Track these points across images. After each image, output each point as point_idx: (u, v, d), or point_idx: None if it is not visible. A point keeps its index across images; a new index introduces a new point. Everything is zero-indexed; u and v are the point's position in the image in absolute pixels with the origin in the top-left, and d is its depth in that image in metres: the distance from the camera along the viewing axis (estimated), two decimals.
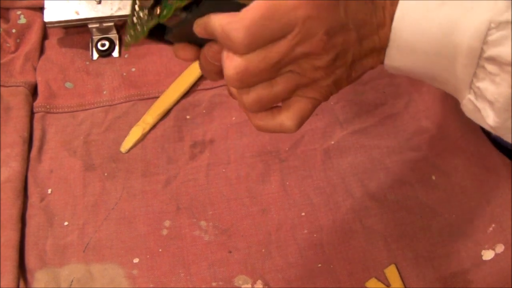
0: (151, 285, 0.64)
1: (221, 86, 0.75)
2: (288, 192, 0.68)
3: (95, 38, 0.79)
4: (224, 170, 0.70)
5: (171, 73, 0.76)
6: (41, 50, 0.79)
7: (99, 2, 0.78)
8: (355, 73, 0.44)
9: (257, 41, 0.38)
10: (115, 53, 0.79)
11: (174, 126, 0.73)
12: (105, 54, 0.79)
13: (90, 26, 0.78)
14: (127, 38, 0.45)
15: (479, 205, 0.66)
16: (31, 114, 0.74)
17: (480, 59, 0.37)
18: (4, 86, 0.75)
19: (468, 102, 0.40)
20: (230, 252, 0.65)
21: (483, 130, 0.69)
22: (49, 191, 0.70)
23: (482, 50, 0.37)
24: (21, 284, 0.63)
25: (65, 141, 0.73)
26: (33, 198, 0.69)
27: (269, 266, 0.64)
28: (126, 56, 0.79)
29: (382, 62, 0.43)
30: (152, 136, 0.73)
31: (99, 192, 0.69)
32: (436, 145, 0.69)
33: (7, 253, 0.64)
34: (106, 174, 0.70)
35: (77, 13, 0.77)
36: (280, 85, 0.42)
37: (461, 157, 0.68)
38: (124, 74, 0.77)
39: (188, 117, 0.74)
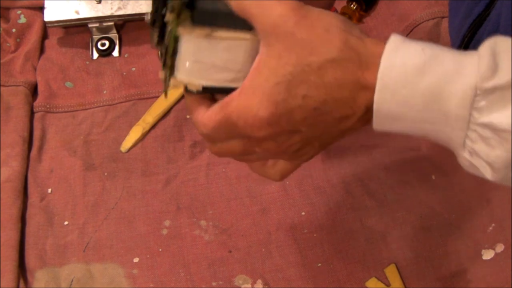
0: (151, 285, 0.64)
1: None
2: (288, 191, 0.68)
3: (95, 37, 0.79)
4: (224, 169, 0.70)
5: None
6: (41, 50, 0.79)
7: (99, 2, 0.78)
8: (336, 139, 0.44)
9: (217, 139, 0.45)
10: (115, 53, 0.79)
11: (174, 125, 0.73)
12: (105, 53, 0.79)
13: (90, 25, 0.78)
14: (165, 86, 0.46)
15: (479, 205, 0.66)
16: (31, 113, 0.74)
17: (470, 123, 0.36)
18: (4, 85, 0.75)
19: (464, 160, 0.39)
20: (230, 251, 0.65)
21: None
22: (49, 190, 0.70)
23: (471, 116, 0.36)
24: (21, 284, 0.63)
25: (65, 141, 0.73)
26: (33, 198, 0.69)
27: (269, 265, 0.64)
28: (126, 55, 0.79)
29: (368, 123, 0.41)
30: (152, 136, 0.73)
31: (99, 191, 0.69)
32: (436, 145, 0.69)
33: (7, 253, 0.64)
34: (106, 173, 0.70)
35: (77, 12, 0.77)
36: (253, 156, 0.46)
37: None
38: (124, 73, 0.77)
39: (188, 116, 0.74)
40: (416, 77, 0.37)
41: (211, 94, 0.46)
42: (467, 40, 0.56)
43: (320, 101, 0.39)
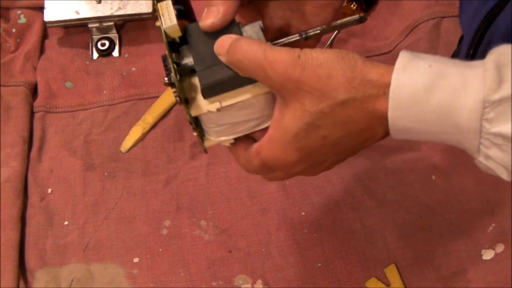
0: (151, 285, 0.64)
1: None
2: (288, 191, 0.68)
3: (95, 37, 0.79)
4: (224, 169, 0.70)
5: None
6: (41, 50, 0.79)
7: (99, 2, 0.78)
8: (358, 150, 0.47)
9: (262, 174, 0.50)
10: (115, 53, 0.79)
11: (174, 125, 0.73)
12: (105, 53, 0.79)
13: (90, 25, 0.78)
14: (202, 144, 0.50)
15: (479, 205, 0.66)
16: (31, 113, 0.74)
17: (482, 133, 0.38)
18: (4, 85, 0.75)
19: (480, 163, 0.40)
20: (230, 251, 0.65)
21: None
22: (49, 190, 0.70)
23: (482, 127, 0.37)
24: (21, 284, 0.63)
25: (65, 141, 0.73)
26: (33, 198, 0.69)
27: (269, 265, 0.64)
28: (126, 55, 0.79)
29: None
30: (152, 136, 0.73)
31: (99, 191, 0.69)
32: (436, 145, 0.69)
33: (7, 252, 0.64)
34: (106, 173, 0.70)
35: (77, 12, 0.77)
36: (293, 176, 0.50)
37: (461, 157, 0.68)
38: (124, 73, 0.77)
39: None
40: (425, 95, 0.38)
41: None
42: (480, 34, 0.57)
43: (340, 136, 0.43)
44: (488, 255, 0.63)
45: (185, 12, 0.50)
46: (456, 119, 0.38)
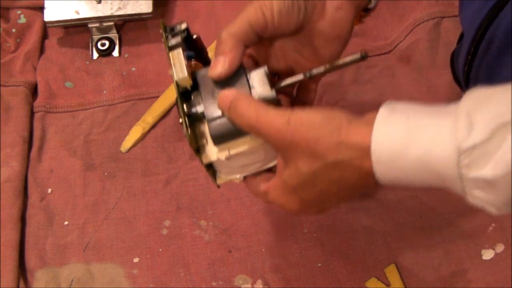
0: (151, 285, 0.64)
1: None
2: None
3: (95, 37, 0.79)
4: None
5: None
6: (41, 50, 0.79)
7: (99, 2, 0.78)
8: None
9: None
10: (115, 53, 0.79)
11: (174, 125, 0.73)
12: (105, 53, 0.79)
13: (90, 25, 0.78)
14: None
15: None
16: (31, 113, 0.74)
17: (462, 179, 0.39)
18: (4, 85, 0.75)
19: (469, 201, 0.42)
20: (230, 251, 0.65)
21: None
22: (49, 190, 0.70)
23: (461, 173, 0.39)
24: (21, 284, 0.63)
25: (65, 141, 0.73)
26: (33, 198, 0.69)
27: (269, 265, 0.64)
28: (126, 55, 0.79)
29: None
30: (152, 136, 0.73)
31: (99, 191, 0.69)
32: None
33: (7, 252, 0.64)
34: (106, 173, 0.70)
35: (77, 12, 0.77)
36: None
37: None
38: (124, 73, 0.77)
39: None
40: (404, 150, 0.41)
41: None
42: (481, 33, 0.57)
43: (336, 189, 0.46)
44: (488, 255, 0.63)
45: (197, 54, 0.54)
46: (436, 169, 0.40)
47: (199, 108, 0.49)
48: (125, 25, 0.81)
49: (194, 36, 0.52)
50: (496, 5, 0.56)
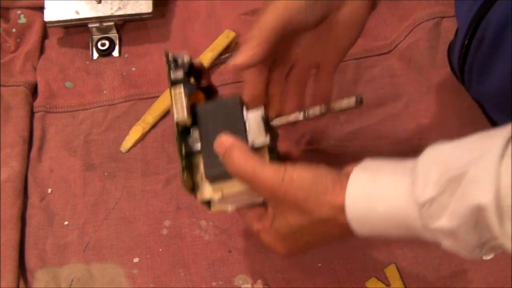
0: (151, 285, 0.64)
1: (221, 85, 0.75)
2: None
3: (95, 37, 0.79)
4: None
5: None
6: (41, 50, 0.79)
7: (99, 2, 0.78)
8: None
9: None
10: (115, 53, 0.79)
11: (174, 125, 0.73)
12: (105, 53, 0.79)
13: (90, 25, 0.78)
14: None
15: None
16: (31, 113, 0.74)
17: (427, 228, 0.42)
18: (4, 85, 0.75)
19: (444, 248, 0.44)
20: (230, 251, 0.65)
21: (483, 129, 0.68)
22: (49, 190, 0.70)
23: (425, 225, 0.42)
24: (21, 284, 0.63)
25: (65, 141, 0.73)
26: (33, 198, 0.69)
27: (269, 265, 0.64)
28: (126, 55, 0.79)
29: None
30: (152, 136, 0.73)
31: (99, 191, 0.69)
32: None
33: (7, 252, 0.64)
34: (106, 173, 0.70)
35: (77, 12, 0.77)
36: None
37: None
38: (124, 73, 0.77)
39: None
40: (373, 207, 0.44)
41: None
42: (472, 31, 0.59)
43: (319, 240, 0.50)
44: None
45: (199, 81, 0.55)
46: (405, 222, 0.43)
47: (196, 147, 0.52)
48: (125, 25, 0.81)
49: (197, 63, 0.54)
50: (483, 6, 0.57)
